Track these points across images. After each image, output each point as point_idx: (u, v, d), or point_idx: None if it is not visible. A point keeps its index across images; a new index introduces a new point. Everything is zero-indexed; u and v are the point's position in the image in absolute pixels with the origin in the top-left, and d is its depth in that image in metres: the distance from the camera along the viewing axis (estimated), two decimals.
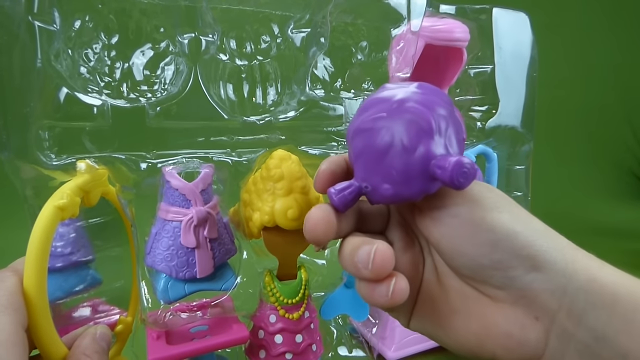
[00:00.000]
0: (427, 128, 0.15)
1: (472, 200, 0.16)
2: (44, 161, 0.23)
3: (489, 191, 0.17)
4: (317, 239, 0.17)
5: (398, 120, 0.16)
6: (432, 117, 0.16)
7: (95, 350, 0.19)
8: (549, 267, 0.15)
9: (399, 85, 0.17)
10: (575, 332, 0.15)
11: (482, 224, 0.16)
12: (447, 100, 0.17)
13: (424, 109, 0.16)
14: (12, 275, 0.17)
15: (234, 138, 0.28)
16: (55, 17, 0.22)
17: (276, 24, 0.29)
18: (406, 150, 0.15)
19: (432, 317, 0.18)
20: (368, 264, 0.15)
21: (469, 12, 0.35)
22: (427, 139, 0.15)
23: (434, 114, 0.16)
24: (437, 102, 0.16)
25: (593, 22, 1.10)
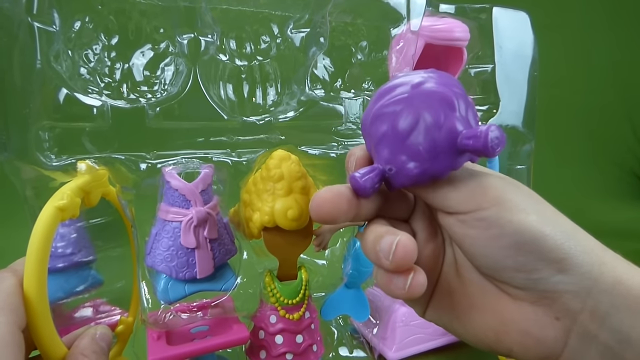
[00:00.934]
0: (451, 104, 0.16)
1: (499, 203, 0.16)
2: (44, 162, 0.23)
3: (515, 190, 0.16)
4: (320, 218, 0.17)
5: (420, 99, 0.16)
6: (453, 95, 0.16)
7: (94, 351, 0.19)
8: (575, 269, 0.15)
9: (410, 73, 0.17)
10: (597, 334, 0.15)
11: (509, 227, 0.15)
12: (459, 83, 0.17)
13: (444, 87, 0.16)
14: (11, 276, 0.17)
15: (234, 138, 0.28)
16: (55, 18, 0.22)
17: (276, 24, 0.29)
18: (432, 126, 0.16)
19: (449, 309, 0.18)
20: (389, 254, 0.15)
21: (469, 11, 0.35)
22: (451, 114, 0.16)
23: (454, 91, 0.16)
24: (452, 83, 0.17)
25: (594, 21, 1.10)
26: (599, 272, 0.15)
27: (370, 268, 0.33)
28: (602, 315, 0.14)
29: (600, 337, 0.14)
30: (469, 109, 0.16)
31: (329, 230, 0.30)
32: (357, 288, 0.34)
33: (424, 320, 0.36)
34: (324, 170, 0.29)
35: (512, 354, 0.16)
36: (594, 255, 0.15)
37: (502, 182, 0.17)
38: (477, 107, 0.38)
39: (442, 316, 0.19)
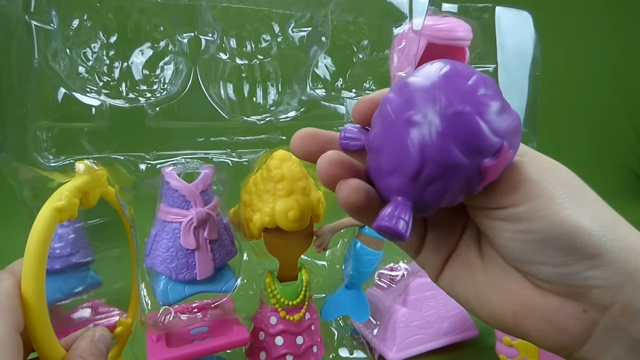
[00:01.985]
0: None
1: (532, 199, 0.15)
2: (42, 162, 0.23)
3: (551, 179, 0.15)
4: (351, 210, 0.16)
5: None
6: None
7: (92, 353, 0.18)
8: (609, 265, 0.14)
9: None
10: (627, 328, 0.14)
11: (541, 222, 0.15)
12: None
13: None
14: (9, 278, 0.17)
15: (234, 138, 0.28)
16: (53, 16, 0.22)
17: (277, 23, 0.29)
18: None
19: (465, 283, 0.18)
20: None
21: (471, 10, 0.35)
22: None
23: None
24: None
25: (596, 21, 1.10)
26: (635, 269, 0.14)
27: (371, 269, 0.33)
28: (634, 311, 0.14)
29: (630, 331, 0.14)
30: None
31: (329, 231, 0.30)
32: (357, 289, 0.34)
33: (424, 321, 0.36)
34: None
35: (528, 338, 0.16)
36: (632, 250, 0.14)
37: (538, 173, 0.15)
38: None
39: (456, 287, 0.18)
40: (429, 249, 0.19)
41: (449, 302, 0.37)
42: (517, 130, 0.14)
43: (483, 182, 0.14)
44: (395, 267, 0.37)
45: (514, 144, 0.14)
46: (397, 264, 0.37)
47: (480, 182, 0.14)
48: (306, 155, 0.18)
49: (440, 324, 0.37)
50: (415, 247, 0.19)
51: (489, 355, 0.35)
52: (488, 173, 0.14)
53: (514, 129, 0.14)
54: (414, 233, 0.19)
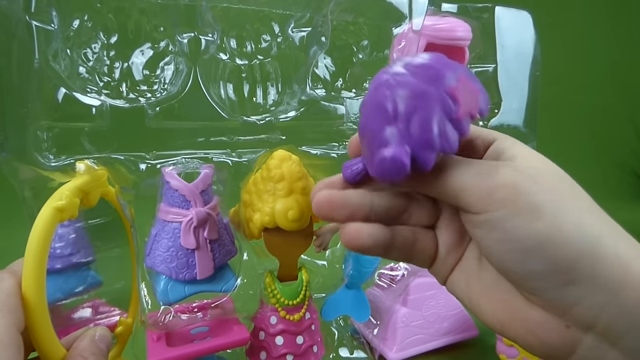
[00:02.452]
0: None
1: (506, 206, 0.14)
2: (43, 162, 0.23)
3: (532, 185, 0.14)
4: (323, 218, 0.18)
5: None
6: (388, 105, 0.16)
7: (93, 352, 0.18)
8: (588, 282, 0.13)
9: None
10: (612, 347, 0.14)
11: (514, 233, 0.14)
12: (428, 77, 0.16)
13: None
14: (9, 277, 0.17)
15: (234, 138, 0.28)
16: (53, 16, 0.22)
17: (277, 23, 0.29)
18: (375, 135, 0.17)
19: (463, 288, 0.18)
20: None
21: (471, 10, 0.35)
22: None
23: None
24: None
25: (596, 21, 1.10)
26: (621, 286, 0.13)
27: (371, 269, 0.33)
28: (618, 334, 0.13)
29: (615, 349, 0.14)
30: (402, 118, 0.15)
31: (329, 231, 0.30)
32: (357, 289, 0.34)
33: (424, 321, 0.36)
34: (325, 171, 0.29)
35: (517, 344, 0.17)
36: (618, 266, 0.13)
37: (518, 178, 0.15)
38: None
39: (457, 291, 0.19)
40: (440, 259, 0.19)
41: (449, 302, 0.37)
42: (472, 75, 0.16)
43: (459, 107, 0.15)
44: (395, 267, 0.37)
45: (474, 82, 0.16)
46: (397, 263, 0.37)
47: (457, 107, 0.15)
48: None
49: (441, 323, 0.37)
50: (429, 259, 0.19)
51: (489, 355, 0.35)
52: (456, 97, 0.15)
53: (468, 71, 0.16)
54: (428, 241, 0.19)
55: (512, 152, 0.17)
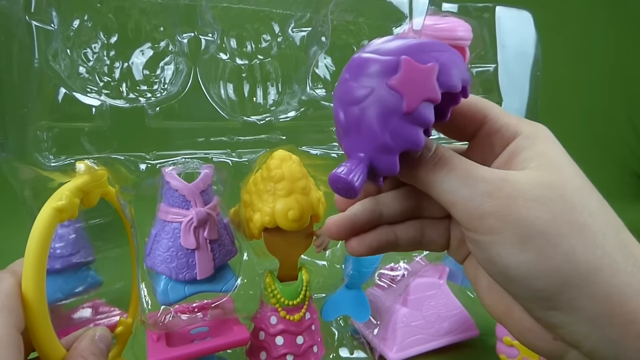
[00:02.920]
0: (338, 127, 0.15)
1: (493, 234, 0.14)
2: (43, 162, 0.23)
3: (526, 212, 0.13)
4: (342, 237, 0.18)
5: None
6: (339, 116, 0.15)
7: (93, 352, 0.18)
8: (572, 311, 0.13)
9: None
10: None
11: (495, 261, 0.14)
12: (373, 72, 0.14)
13: (337, 105, 0.15)
14: (9, 277, 0.17)
15: (234, 138, 0.28)
16: (53, 16, 0.22)
17: (277, 23, 0.29)
18: None
19: (472, 278, 0.19)
20: None
21: (471, 10, 0.35)
22: (342, 138, 0.15)
23: (342, 109, 0.15)
24: (351, 85, 0.15)
25: (597, 21, 1.09)
26: (606, 323, 0.13)
27: (371, 269, 0.33)
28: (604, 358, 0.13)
29: None
30: (354, 124, 0.15)
31: None
32: (357, 289, 0.34)
33: (425, 321, 0.36)
34: (325, 171, 0.29)
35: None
36: (607, 302, 0.13)
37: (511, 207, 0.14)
38: None
39: (468, 276, 0.19)
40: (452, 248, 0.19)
41: (449, 302, 0.37)
42: (424, 46, 0.14)
43: (405, 99, 0.14)
44: (395, 267, 0.37)
45: (425, 57, 0.14)
46: (397, 263, 0.37)
47: (402, 100, 0.14)
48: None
49: (441, 323, 0.36)
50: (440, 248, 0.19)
51: (489, 355, 0.35)
52: (399, 88, 0.14)
53: (414, 46, 0.14)
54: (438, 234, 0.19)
55: (527, 157, 0.15)
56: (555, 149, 0.16)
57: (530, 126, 0.16)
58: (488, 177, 0.15)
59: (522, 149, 0.16)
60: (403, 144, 0.14)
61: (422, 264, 0.36)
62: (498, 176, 0.15)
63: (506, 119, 0.17)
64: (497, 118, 0.17)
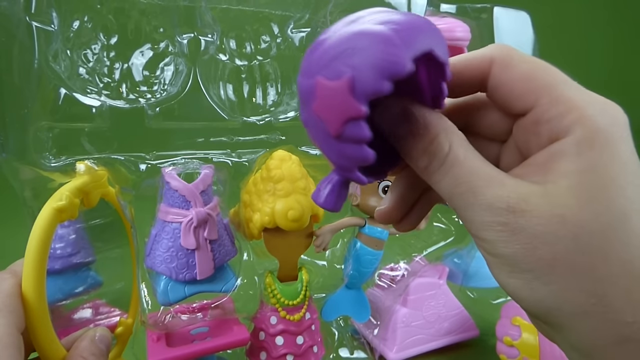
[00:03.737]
0: None
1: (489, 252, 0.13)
2: (43, 163, 0.23)
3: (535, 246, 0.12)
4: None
5: None
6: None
7: (93, 353, 0.18)
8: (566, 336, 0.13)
9: None
10: None
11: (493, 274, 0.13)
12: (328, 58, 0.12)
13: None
14: (10, 277, 0.17)
15: (234, 139, 0.28)
16: (54, 17, 0.22)
17: (276, 24, 0.29)
18: None
19: None
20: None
21: (470, 11, 0.35)
22: None
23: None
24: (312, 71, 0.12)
25: (595, 21, 1.10)
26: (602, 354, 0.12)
27: (371, 269, 0.33)
28: None
29: None
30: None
31: (329, 231, 0.30)
32: (357, 289, 0.34)
33: (425, 321, 0.36)
34: (324, 171, 0.29)
35: None
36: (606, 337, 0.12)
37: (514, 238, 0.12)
38: None
39: None
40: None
41: (449, 302, 0.37)
42: (334, 52, 0.11)
43: (327, 124, 0.12)
44: (395, 267, 0.37)
45: (338, 68, 0.11)
46: (397, 264, 0.37)
47: (325, 125, 0.12)
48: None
49: (441, 324, 0.37)
50: None
51: (489, 356, 0.35)
52: (319, 114, 0.12)
53: (323, 57, 0.12)
54: None
55: (564, 170, 0.12)
56: (610, 165, 0.12)
57: (592, 124, 0.12)
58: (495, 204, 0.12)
59: (566, 156, 0.12)
60: (353, 162, 0.12)
61: (422, 264, 0.36)
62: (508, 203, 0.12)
63: (564, 106, 0.13)
64: (551, 105, 0.13)
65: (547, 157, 0.13)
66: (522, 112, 0.14)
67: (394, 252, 0.37)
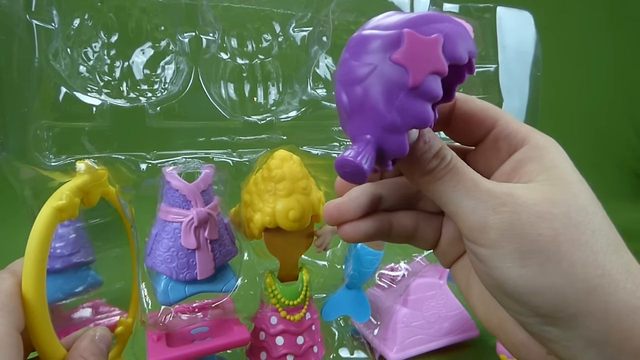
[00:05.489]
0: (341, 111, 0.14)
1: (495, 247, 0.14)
2: (43, 162, 0.23)
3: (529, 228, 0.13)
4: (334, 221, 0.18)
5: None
6: (342, 98, 0.14)
7: (93, 352, 0.18)
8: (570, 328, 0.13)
9: None
10: None
11: (494, 273, 0.14)
12: (374, 48, 0.13)
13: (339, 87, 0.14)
14: (9, 277, 0.17)
15: (235, 138, 0.28)
16: (54, 15, 0.22)
17: (278, 23, 0.29)
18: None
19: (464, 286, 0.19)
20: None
21: (472, 10, 0.35)
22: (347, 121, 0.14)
23: (344, 89, 0.14)
24: (351, 64, 0.14)
25: (597, 21, 1.10)
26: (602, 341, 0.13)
27: (371, 269, 0.33)
28: None
29: None
30: (357, 105, 0.14)
31: (330, 231, 0.30)
32: (358, 289, 0.34)
33: (425, 321, 0.36)
34: (325, 171, 0.29)
35: None
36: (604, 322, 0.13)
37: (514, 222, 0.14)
38: None
39: (458, 282, 0.19)
40: (440, 248, 0.19)
41: (449, 302, 0.37)
42: (426, 18, 0.13)
43: (410, 73, 0.13)
44: (395, 267, 0.37)
45: (429, 29, 0.13)
46: (397, 264, 0.37)
47: (407, 73, 0.13)
48: None
49: (441, 324, 0.36)
50: (430, 245, 0.19)
51: (489, 356, 0.35)
52: (403, 62, 0.13)
53: (415, 19, 0.13)
54: (430, 230, 0.19)
55: (534, 169, 0.15)
56: (564, 164, 0.15)
57: (540, 137, 0.16)
58: (493, 190, 0.14)
59: (529, 160, 0.15)
60: (411, 122, 0.13)
61: (423, 264, 0.36)
62: (503, 190, 0.14)
63: (516, 126, 0.17)
64: (507, 124, 0.17)
65: (513, 165, 0.16)
66: (483, 136, 0.18)
67: (395, 252, 0.37)
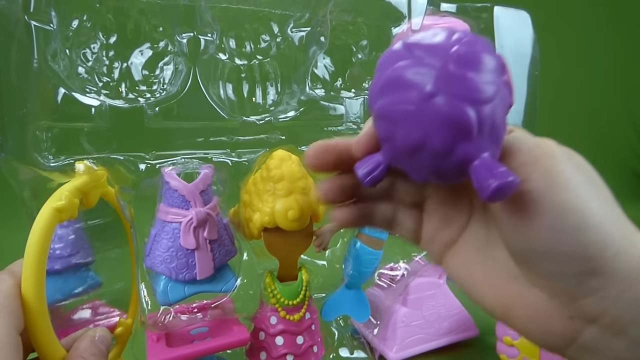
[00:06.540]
0: (464, 130, 0.13)
1: (548, 177, 0.14)
2: (42, 162, 0.23)
3: (572, 166, 0.14)
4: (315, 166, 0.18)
5: (429, 119, 0.14)
6: (470, 116, 0.13)
7: (93, 353, 0.18)
8: (610, 273, 0.13)
9: (429, 52, 0.14)
10: (615, 337, 0.14)
11: (551, 205, 0.14)
12: (494, 67, 0.14)
13: (461, 104, 0.13)
14: (9, 278, 0.17)
15: (234, 138, 0.28)
16: (52, 16, 0.22)
17: (276, 23, 0.29)
18: (439, 154, 0.14)
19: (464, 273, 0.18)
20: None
21: (470, 10, 0.35)
22: (464, 141, 0.14)
23: (474, 108, 0.13)
24: (479, 81, 0.13)
25: (595, 20, 1.10)
26: (636, 279, 0.13)
27: (371, 269, 0.33)
28: (623, 325, 0.13)
29: (614, 346, 0.14)
30: (495, 116, 0.14)
31: (329, 231, 0.30)
32: (357, 289, 0.34)
33: (424, 321, 0.36)
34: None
35: (517, 330, 0.16)
36: (638, 257, 0.13)
37: (561, 154, 0.14)
38: None
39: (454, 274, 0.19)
40: (424, 241, 0.19)
41: (449, 301, 0.37)
42: None
43: (512, 94, 0.15)
44: (395, 267, 0.37)
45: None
46: (397, 263, 0.37)
47: (510, 95, 0.15)
48: (323, 169, 0.18)
49: (441, 323, 0.36)
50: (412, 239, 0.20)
51: (489, 355, 0.35)
52: (510, 84, 0.15)
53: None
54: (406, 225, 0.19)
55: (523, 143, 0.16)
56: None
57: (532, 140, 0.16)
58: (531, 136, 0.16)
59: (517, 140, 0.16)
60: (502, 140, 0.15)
61: (422, 263, 0.36)
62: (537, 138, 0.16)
63: None
64: None
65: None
66: None
67: (394, 252, 0.37)
